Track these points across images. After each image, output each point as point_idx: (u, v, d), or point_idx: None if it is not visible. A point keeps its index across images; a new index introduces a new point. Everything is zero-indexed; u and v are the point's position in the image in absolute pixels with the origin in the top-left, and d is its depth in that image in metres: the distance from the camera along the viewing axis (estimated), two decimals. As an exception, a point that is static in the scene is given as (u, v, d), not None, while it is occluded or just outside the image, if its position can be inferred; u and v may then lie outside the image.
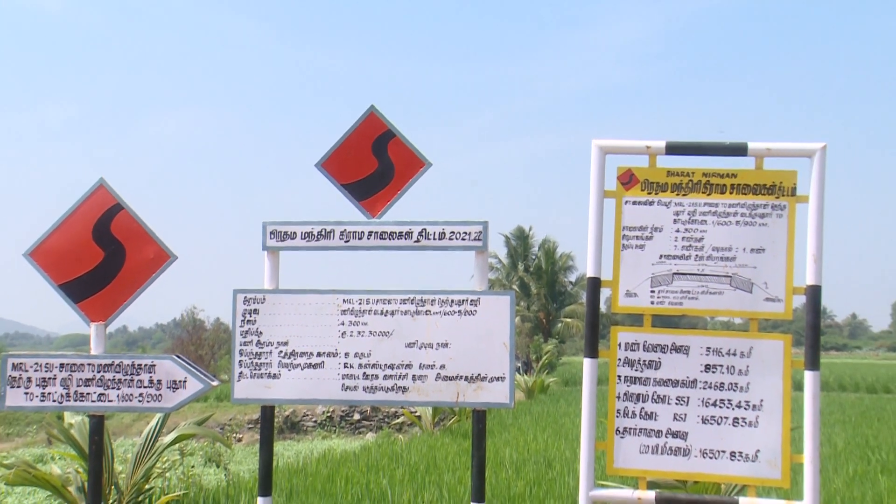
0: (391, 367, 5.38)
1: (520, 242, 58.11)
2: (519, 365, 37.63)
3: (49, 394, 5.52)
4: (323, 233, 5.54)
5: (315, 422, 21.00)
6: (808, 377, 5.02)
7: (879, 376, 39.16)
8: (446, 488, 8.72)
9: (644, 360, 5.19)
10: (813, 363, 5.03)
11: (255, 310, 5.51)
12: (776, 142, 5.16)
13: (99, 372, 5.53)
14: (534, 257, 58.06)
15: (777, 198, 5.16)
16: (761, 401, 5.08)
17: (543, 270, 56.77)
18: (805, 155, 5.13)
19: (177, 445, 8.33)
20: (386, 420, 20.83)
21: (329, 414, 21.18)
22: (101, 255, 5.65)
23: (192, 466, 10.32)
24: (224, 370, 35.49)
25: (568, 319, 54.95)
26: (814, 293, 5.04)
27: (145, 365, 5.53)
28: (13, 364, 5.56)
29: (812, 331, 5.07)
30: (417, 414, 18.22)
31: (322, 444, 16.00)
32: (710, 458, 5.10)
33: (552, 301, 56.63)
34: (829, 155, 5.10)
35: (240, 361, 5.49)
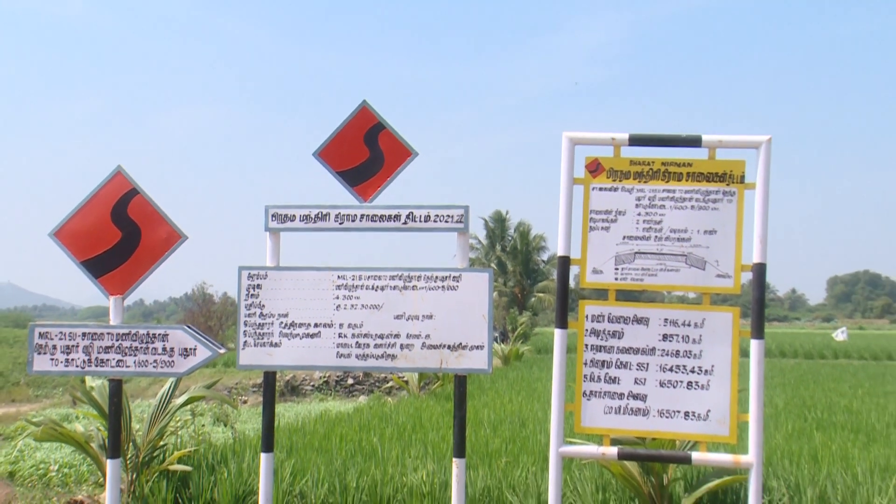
0: (381, 336, 5.38)
1: (497, 225, 58.18)
2: (496, 335, 37.69)
3: (72, 360, 5.54)
4: (319, 215, 5.52)
5: (313, 386, 20.96)
6: (754, 345, 5.05)
7: (815, 344, 39.51)
8: (431, 445, 8.74)
9: (608, 331, 5.20)
10: (758, 333, 5.06)
11: (258, 285, 5.49)
12: (727, 134, 5.18)
13: (117, 340, 5.53)
14: (510, 238, 58.12)
15: (727, 185, 5.18)
16: (712, 366, 5.10)
17: (519, 250, 56.86)
18: (752, 146, 5.14)
19: (188, 407, 8.30)
20: (377, 384, 20.81)
21: (325, 379, 21.15)
22: (119, 235, 5.64)
23: (202, 425, 10.29)
24: (231, 339, 35.39)
25: (540, 294, 55.07)
26: (759, 270, 5.07)
27: (159, 334, 5.53)
28: (40, 333, 5.58)
29: (757, 304, 5.10)
30: (405, 379, 18.22)
31: (319, 406, 15.98)
32: (667, 417, 5.13)
33: (526, 278, 56.75)
34: (774, 146, 5.11)
35: (244, 331, 5.49)
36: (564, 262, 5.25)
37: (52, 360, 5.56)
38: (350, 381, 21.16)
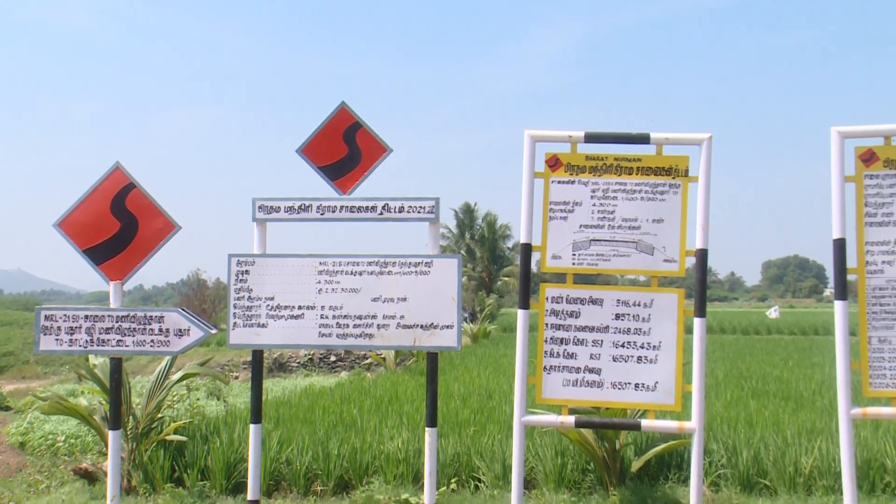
0: (360, 317, 5.35)
1: (467, 215, 58.07)
2: (466, 315, 37.67)
3: (76, 340, 5.50)
4: (302, 207, 5.48)
5: (298, 363, 20.85)
6: (697, 323, 5.08)
7: (751, 321, 39.88)
8: (406, 416, 8.72)
9: (567, 311, 5.21)
10: (701, 312, 5.10)
11: (246, 271, 5.45)
12: (673, 132, 5.20)
13: (117, 322, 5.49)
14: (478, 228, 58.01)
15: (673, 178, 5.20)
16: (660, 342, 5.13)
17: (486, 238, 56.81)
18: (695, 143, 5.17)
19: (183, 382, 8.21)
20: (357, 361, 20.73)
21: (310, 356, 21.06)
22: (118, 225, 5.58)
23: (197, 399, 10.17)
24: (223, 321, 35.00)
25: (506, 278, 55.12)
26: (702, 255, 5.10)
27: (156, 316, 5.49)
28: (45, 315, 5.54)
29: (700, 286, 5.13)
30: (382, 356, 18.17)
31: (304, 381, 15.88)
32: (619, 388, 5.15)
33: (493, 263, 56.74)
34: (714, 143, 5.14)
35: (234, 313, 5.46)
36: (526, 249, 5.25)
37: (56, 340, 5.52)
38: (332, 358, 21.08)
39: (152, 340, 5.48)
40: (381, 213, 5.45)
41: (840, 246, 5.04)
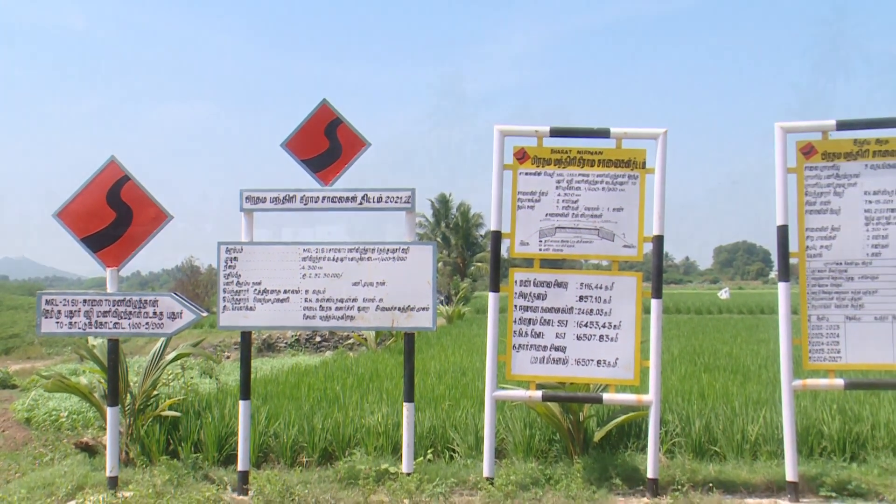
0: (341, 301, 5.33)
1: (442, 205, 58.06)
2: (441, 298, 37.63)
3: (75, 322, 5.51)
4: (287, 197, 5.44)
5: (286, 343, 20.76)
6: (654, 304, 5.12)
7: (704, 302, 40.21)
8: (385, 392, 8.70)
9: (534, 293, 5.22)
10: (657, 293, 5.12)
11: (234, 258, 5.41)
12: (631, 127, 5.22)
13: (114, 306, 5.46)
14: (453, 216, 58.02)
15: (632, 170, 5.21)
16: (620, 322, 5.16)
17: (460, 227, 56.86)
18: (652, 137, 5.19)
19: (178, 362, 8.12)
20: (340, 341, 20.66)
21: (297, 337, 20.97)
22: (113, 215, 5.55)
23: (191, 378, 10.06)
24: (215, 304, 34.80)
25: (479, 263, 55.23)
26: (658, 241, 5.12)
27: (150, 300, 5.46)
28: (46, 300, 5.55)
29: (657, 269, 5.16)
30: (364, 336, 18.11)
31: (291, 361, 15.80)
32: (583, 365, 5.17)
33: (467, 250, 56.83)
34: (670, 137, 5.16)
35: (224, 297, 5.42)
36: (496, 236, 5.25)
37: (57, 322, 5.52)
38: (318, 338, 20.99)
39: (147, 323, 5.45)
40: (361, 203, 5.42)
41: (783, 232, 5.08)
